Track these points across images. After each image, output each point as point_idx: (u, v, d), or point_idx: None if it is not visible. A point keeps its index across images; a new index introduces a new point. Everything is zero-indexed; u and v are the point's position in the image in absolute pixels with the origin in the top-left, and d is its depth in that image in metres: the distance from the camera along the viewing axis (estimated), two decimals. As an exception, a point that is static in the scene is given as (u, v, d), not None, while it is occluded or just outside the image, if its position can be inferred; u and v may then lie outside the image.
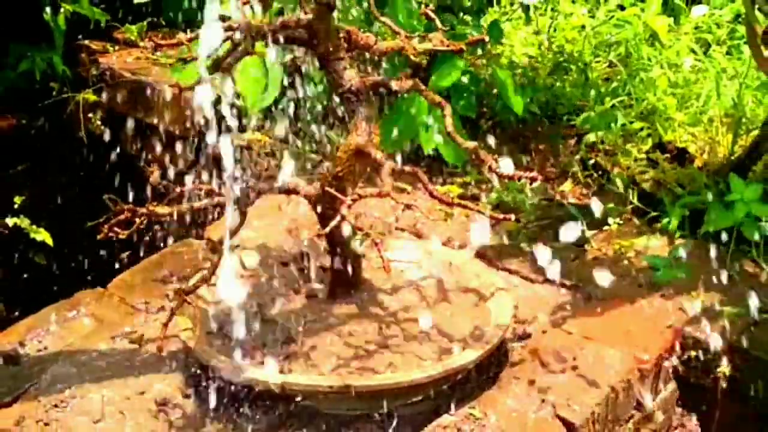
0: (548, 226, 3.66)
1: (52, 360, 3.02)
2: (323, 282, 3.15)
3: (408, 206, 2.72)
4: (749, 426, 3.15)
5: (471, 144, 2.70)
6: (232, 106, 3.89)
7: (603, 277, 3.22)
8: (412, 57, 2.82)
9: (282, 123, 4.15)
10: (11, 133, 4.76)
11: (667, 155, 3.92)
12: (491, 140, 4.13)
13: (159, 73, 4.63)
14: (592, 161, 4.01)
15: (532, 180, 2.76)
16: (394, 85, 2.83)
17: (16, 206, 4.06)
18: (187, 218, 3.02)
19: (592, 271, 3.34)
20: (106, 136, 4.68)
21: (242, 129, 4.19)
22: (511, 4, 4.86)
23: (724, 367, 3.10)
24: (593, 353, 3.01)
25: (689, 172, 3.80)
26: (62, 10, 4.64)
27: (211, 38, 2.49)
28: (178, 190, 2.92)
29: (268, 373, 2.71)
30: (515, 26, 4.84)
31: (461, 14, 4.30)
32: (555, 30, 4.81)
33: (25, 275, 4.47)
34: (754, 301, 3.24)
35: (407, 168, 2.66)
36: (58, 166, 4.78)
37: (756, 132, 3.75)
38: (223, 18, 2.54)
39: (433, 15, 2.87)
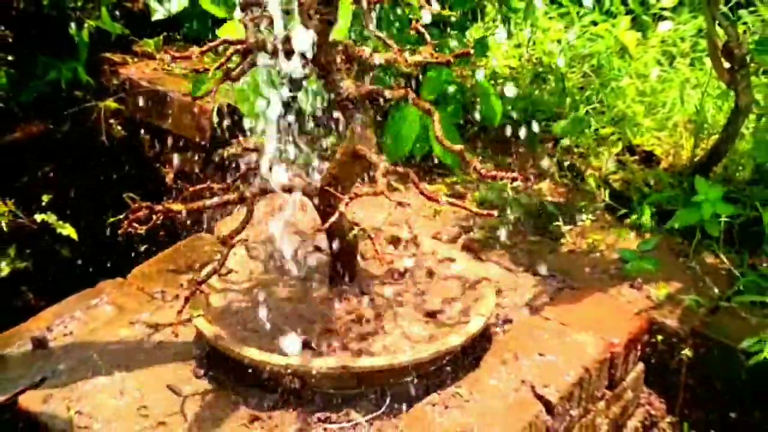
0: (527, 221, 3.66)
1: (76, 344, 3.03)
2: (323, 272, 3.15)
3: (400, 204, 2.73)
4: (710, 403, 3.15)
5: (457, 147, 2.70)
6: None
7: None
8: (403, 68, 2.81)
9: (285, 128, 4.15)
10: (40, 137, 4.75)
11: (636, 157, 3.93)
12: (476, 144, 4.15)
13: (174, 83, 4.63)
14: (567, 163, 4.01)
15: (513, 180, 2.76)
16: (387, 93, 2.83)
17: (43, 203, 4.06)
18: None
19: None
20: (126, 141, 4.69)
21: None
22: (494, 20, 4.85)
23: (687, 350, 3.10)
24: (569, 337, 3.01)
25: (656, 172, 3.81)
26: (86, 25, 4.64)
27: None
28: (190, 189, 2.92)
29: (273, 355, 2.71)
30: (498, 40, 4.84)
31: (448, 29, 4.30)
32: (534, 43, 4.81)
33: (51, 266, 4.47)
34: (714, 290, 3.25)
35: (399, 169, 2.66)
36: (82, 168, 4.78)
37: (716, 136, 3.75)
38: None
39: (422, 30, 2.87)
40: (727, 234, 3.41)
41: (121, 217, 2.77)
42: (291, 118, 3.53)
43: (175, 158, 4.46)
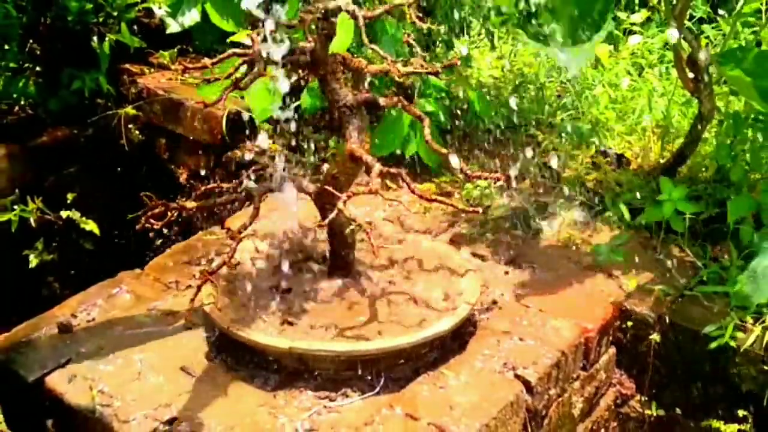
0: (509, 217, 3.66)
1: (98, 329, 3.02)
2: (323, 264, 3.15)
3: (393, 202, 2.72)
4: (676, 383, 3.15)
5: (445, 150, 2.70)
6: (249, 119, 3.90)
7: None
8: (396, 78, 2.81)
9: (289, 132, 4.15)
10: (65, 141, 4.75)
11: (608, 159, 3.92)
12: (463, 147, 4.14)
13: (187, 92, 4.63)
14: (546, 164, 4.00)
15: (496, 180, 2.76)
16: (382, 101, 2.83)
17: (68, 201, 4.04)
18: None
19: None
20: (143, 145, 4.69)
21: (256, 137, 4.18)
22: (479, 34, 4.84)
23: (655, 334, 3.10)
24: (547, 323, 3.01)
25: (626, 173, 3.80)
26: (107, 38, 4.63)
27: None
28: (202, 188, 2.92)
29: (277, 339, 2.71)
30: (482, 53, 4.83)
31: (437, 42, 4.30)
32: (515, 55, 4.80)
33: (76, 259, 4.47)
34: (680, 281, 3.25)
35: (393, 170, 2.66)
36: (103, 169, 4.77)
37: (681, 140, 3.75)
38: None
39: (414, 42, 2.86)
40: (692, 229, 3.41)
41: (139, 213, 2.77)
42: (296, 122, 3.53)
43: (188, 160, 4.45)
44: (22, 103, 4.84)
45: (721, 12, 4.46)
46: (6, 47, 4.66)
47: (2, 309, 4.32)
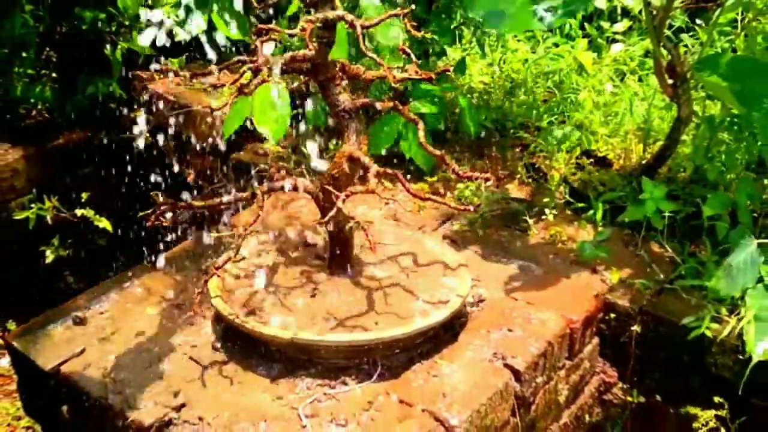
0: (499, 215, 3.66)
1: (111, 320, 3.02)
2: (323, 259, 3.15)
3: (389, 201, 2.72)
4: (656, 372, 3.16)
5: (438, 152, 2.70)
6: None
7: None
8: (392, 84, 2.80)
9: (291, 135, 4.15)
10: (80, 143, 4.75)
11: (592, 160, 3.92)
12: (455, 148, 4.14)
13: (195, 97, 4.62)
14: (533, 165, 4.00)
15: (486, 180, 2.76)
16: (379, 105, 2.83)
17: (83, 200, 4.05)
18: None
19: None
20: (153, 146, 4.69)
21: (260, 140, 4.19)
22: (470, 42, 4.84)
23: (636, 326, 3.11)
24: (534, 315, 3.01)
25: (609, 173, 3.80)
26: (119, 46, 4.63)
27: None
28: (209, 188, 2.91)
29: (280, 330, 2.71)
30: (473, 59, 4.83)
31: (430, 51, 4.30)
32: (504, 62, 4.80)
33: (89, 254, 4.47)
34: (659, 275, 3.25)
35: (389, 171, 2.66)
36: (116, 170, 4.78)
37: (661, 142, 3.75)
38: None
39: (409, 50, 2.86)
40: (671, 227, 3.41)
41: (149, 212, 2.77)
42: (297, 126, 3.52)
43: (196, 161, 4.45)
44: (39, 107, 4.86)
45: (698, 21, 4.46)
46: (24, 54, 4.67)
47: (20, 301, 4.33)
